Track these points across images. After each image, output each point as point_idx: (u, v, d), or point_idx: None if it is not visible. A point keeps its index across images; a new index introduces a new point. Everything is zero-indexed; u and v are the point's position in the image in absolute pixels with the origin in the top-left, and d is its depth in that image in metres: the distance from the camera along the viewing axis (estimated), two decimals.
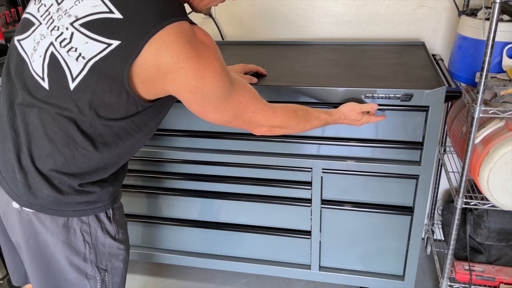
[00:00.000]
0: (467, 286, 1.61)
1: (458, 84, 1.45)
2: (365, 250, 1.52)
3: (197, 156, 1.46)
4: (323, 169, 1.38)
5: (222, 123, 0.95)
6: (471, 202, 1.39)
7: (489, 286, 1.62)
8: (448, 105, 1.72)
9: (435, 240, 1.95)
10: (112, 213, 0.99)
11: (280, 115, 1.02)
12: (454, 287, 1.59)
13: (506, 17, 1.29)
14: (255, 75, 1.37)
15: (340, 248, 1.53)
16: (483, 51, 1.15)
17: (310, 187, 1.43)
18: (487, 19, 1.27)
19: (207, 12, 1.01)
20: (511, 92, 1.21)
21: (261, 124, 1.01)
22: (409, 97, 1.21)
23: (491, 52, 1.14)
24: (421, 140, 1.29)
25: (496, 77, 1.28)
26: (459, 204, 1.39)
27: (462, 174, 1.34)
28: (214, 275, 1.89)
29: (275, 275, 1.65)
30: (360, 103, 1.20)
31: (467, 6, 1.52)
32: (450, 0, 1.59)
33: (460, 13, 1.47)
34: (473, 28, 1.35)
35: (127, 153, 0.95)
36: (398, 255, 1.49)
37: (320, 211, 1.46)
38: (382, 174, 1.36)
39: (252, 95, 0.96)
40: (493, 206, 1.36)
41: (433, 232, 1.92)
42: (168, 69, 0.79)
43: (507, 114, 1.22)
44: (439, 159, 1.79)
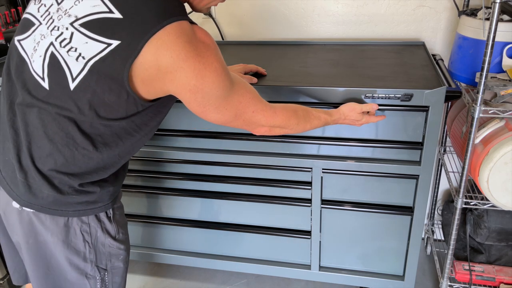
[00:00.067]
0: (467, 286, 1.61)
1: (458, 84, 1.45)
2: (365, 250, 1.52)
3: (197, 156, 1.46)
4: (323, 169, 1.38)
5: (222, 123, 0.95)
6: (471, 202, 1.39)
7: (489, 286, 1.62)
8: (448, 105, 1.72)
9: (435, 240, 1.95)
10: (112, 213, 0.99)
11: (280, 115, 1.02)
12: (454, 287, 1.59)
13: (506, 17, 1.29)
14: (255, 75, 1.37)
15: (340, 248, 1.53)
16: (483, 51, 1.15)
17: (310, 187, 1.43)
18: (487, 19, 1.27)
19: (207, 12, 1.01)
20: (511, 92, 1.21)
21: (261, 124, 1.01)
22: (409, 97, 1.21)
23: (491, 52, 1.14)
24: (421, 140, 1.29)
25: (496, 77, 1.28)
26: (459, 204, 1.39)
27: (462, 174, 1.34)
28: (214, 275, 1.89)
29: (275, 275, 1.65)
30: (360, 103, 1.20)
31: (467, 6, 1.52)
32: (450, 0, 1.59)
33: (460, 13, 1.47)
34: (473, 28, 1.35)
35: (127, 153, 0.95)
36: (398, 255, 1.50)
37: (320, 211, 1.46)
38: (382, 174, 1.36)
39: (252, 95, 0.96)
40: (493, 206, 1.36)
41: (433, 232, 1.92)
42: (168, 68, 0.79)
43: (507, 114, 1.22)
44: (439, 159, 1.79)
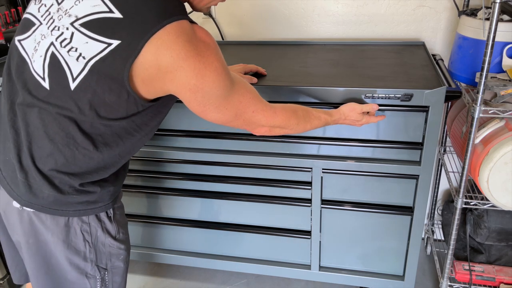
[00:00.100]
0: (467, 286, 1.61)
1: (458, 84, 1.45)
2: (365, 250, 1.52)
3: (197, 156, 1.46)
4: (323, 169, 1.38)
5: (222, 122, 0.95)
6: (471, 202, 1.39)
7: (489, 286, 1.62)
8: (448, 105, 1.72)
9: (435, 240, 1.95)
10: (112, 212, 1.00)
11: (280, 115, 1.02)
12: (454, 287, 1.59)
13: (506, 17, 1.29)
14: (255, 75, 1.37)
15: (340, 248, 1.53)
16: (483, 51, 1.15)
17: (310, 187, 1.43)
18: (487, 19, 1.27)
19: (207, 11, 1.01)
20: (511, 92, 1.21)
21: (261, 124, 1.01)
22: (409, 97, 1.21)
23: (491, 52, 1.14)
24: (421, 140, 1.29)
25: (496, 77, 1.28)
26: (459, 204, 1.39)
27: (462, 174, 1.34)
28: (214, 275, 1.89)
29: (275, 275, 1.65)
30: (360, 104, 1.20)
31: (467, 6, 1.52)
32: (450, 0, 1.59)
33: (460, 13, 1.47)
34: (473, 28, 1.35)
35: (127, 152, 0.95)
36: (398, 255, 1.50)
37: (320, 211, 1.46)
38: (382, 174, 1.36)
39: (252, 94, 0.96)
40: (493, 206, 1.36)
41: (433, 232, 1.93)
42: (168, 68, 0.79)
43: (507, 114, 1.22)
44: (439, 159, 1.79)
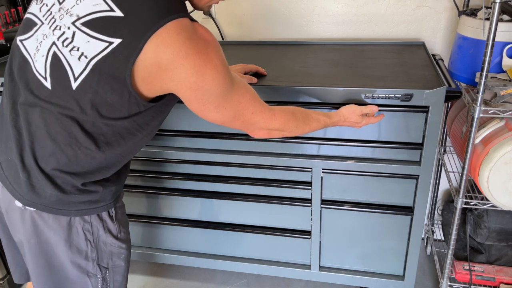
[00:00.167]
0: (467, 286, 1.61)
1: (458, 84, 1.45)
2: (365, 250, 1.52)
3: (197, 156, 1.46)
4: (323, 169, 1.38)
5: (221, 123, 0.95)
6: (471, 202, 1.39)
7: (489, 286, 1.62)
8: (448, 105, 1.72)
9: (435, 240, 1.95)
10: (114, 212, 1.00)
11: (279, 117, 1.02)
12: (454, 287, 1.59)
13: (506, 17, 1.29)
14: (255, 75, 1.37)
15: (340, 248, 1.53)
16: (483, 51, 1.16)
17: (310, 187, 1.43)
18: (487, 19, 1.27)
19: (208, 9, 1.01)
20: (511, 92, 1.21)
21: (259, 126, 1.00)
22: (409, 97, 1.21)
23: (491, 52, 1.14)
24: (421, 140, 1.29)
25: (496, 77, 1.28)
26: (459, 204, 1.39)
27: (462, 174, 1.34)
28: (214, 275, 1.89)
29: (275, 275, 1.65)
30: (359, 106, 1.19)
31: (467, 6, 1.52)
32: (450, 0, 1.59)
33: (460, 13, 1.47)
34: (473, 28, 1.35)
35: (129, 152, 0.95)
36: (398, 255, 1.50)
37: (320, 211, 1.46)
38: (382, 174, 1.36)
39: (252, 96, 0.96)
40: (493, 206, 1.36)
41: (433, 232, 1.93)
42: (168, 65, 0.79)
43: (507, 114, 1.23)
44: (439, 159, 1.79)
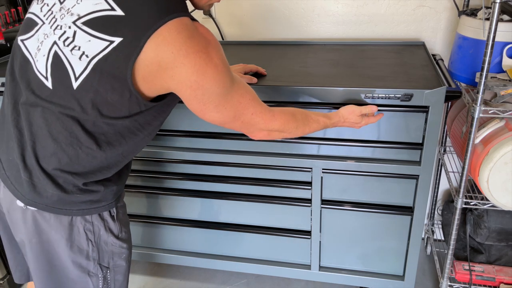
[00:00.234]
0: (467, 286, 1.61)
1: (458, 84, 1.45)
2: (365, 250, 1.52)
3: (197, 156, 1.46)
4: (323, 169, 1.38)
5: (221, 123, 0.95)
6: (471, 202, 1.39)
7: (489, 286, 1.62)
8: (448, 105, 1.72)
9: (435, 240, 1.95)
10: (115, 212, 1.00)
11: (278, 118, 1.02)
12: (454, 287, 1.59)
13: (506, 17, 1.29)
14: (255, 75, 1.37)
15: (340, 248, 1.53)
16: (483, 51, 1.16)
17: (310, 187, 1.43)
18: (487, 19, 1.27)
19: (209, 9, 1.00)
20: (511, 92, 1.21)
21: (259, 127, 1.00)
22: (409, 97, 1.21)
23: (491, 52, 1.14)
24: (421, 140, 1.29)
25: (496, 77, 1.28)
26: (459, 204, 1.39)
27: (462, 174, 1.34)
28: (214, 275, 1.89)
29: (275, 275, 1.65)
30: (359, 106, 1.19)
31: (467, 6, 1.52)
32: (450, 0, 1.59)
33: (460, 13, 1.47)
34: (473, 28, 1.35)
35: (130, 152, 0.95)
36: (398, 255, 1.50)
37: (320, 211, 1.46)
38: (382, 174, 1.36)
39: (251, 96, 0.96)
40: (493, 206, 1.36)
41: (433, 232, 1.93)
42: (169, 64, 0.79)
43: (507, 114, 1.22)
44: (439, 159, 1.79)
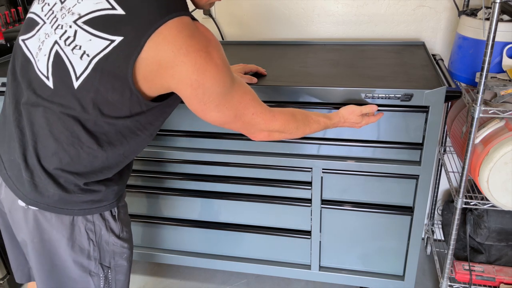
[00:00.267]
0: (467, 286, 1.61)
1: (458, 84, 1.45)
2: (365, 250, 1.52)
3: (197, 156, 1.46)
4: (323, 169, 1.38)
5: (222, 123, 0.95)
6: (471, 202, 1.39)
7: (489, 286, 1.62)
8: (448, 105, 1.72)
9: (435, 240, 1.95)
10: (117, 211, 1.00)
11: (279, 119, 1.02)
12: (454, 287, 1.59)
13: (506, 17, 1.29)
14: (255, 75, 1.37)
15: (340, 248, 1.53)
16: (483, 51, 1.16)
17: (310, 187, 1.43)
18: (487, 19, 1.27)
19: (209, 8, 1.00)
20: (511, 92, 1.21)
21: (260, 128, 1.00)
22: (409, 97, 1.21)
23: (491, 52, 1.14)
24: (421, 140, 1.29)
25: (496, 77, 1.28)
26: (459, 204, 1.39)
27: (462, 174, 1.34)
28: (214, 275, 1.89)
29: (275, 275, 1.65)
30: (359, 106, 1.18)
31: (467, 6, 1.52)
32: (450, 0, 1.59)
33: (460, 13, 1.47)
34: (473, 28, 1.35)
35: (131, 152, 0.95)
36: (398, 255, 1.50)
37: (320, 211, 1.46)
38: (382, 174, 1.36)
39: (252, 96, 0.96)
40: (493, 206, 1.36)
41: (433, 232, 1.93)
42: (169, 63, 0.79)
43: (507, 114, 1.23)
44: (439, 159, 1.79)
